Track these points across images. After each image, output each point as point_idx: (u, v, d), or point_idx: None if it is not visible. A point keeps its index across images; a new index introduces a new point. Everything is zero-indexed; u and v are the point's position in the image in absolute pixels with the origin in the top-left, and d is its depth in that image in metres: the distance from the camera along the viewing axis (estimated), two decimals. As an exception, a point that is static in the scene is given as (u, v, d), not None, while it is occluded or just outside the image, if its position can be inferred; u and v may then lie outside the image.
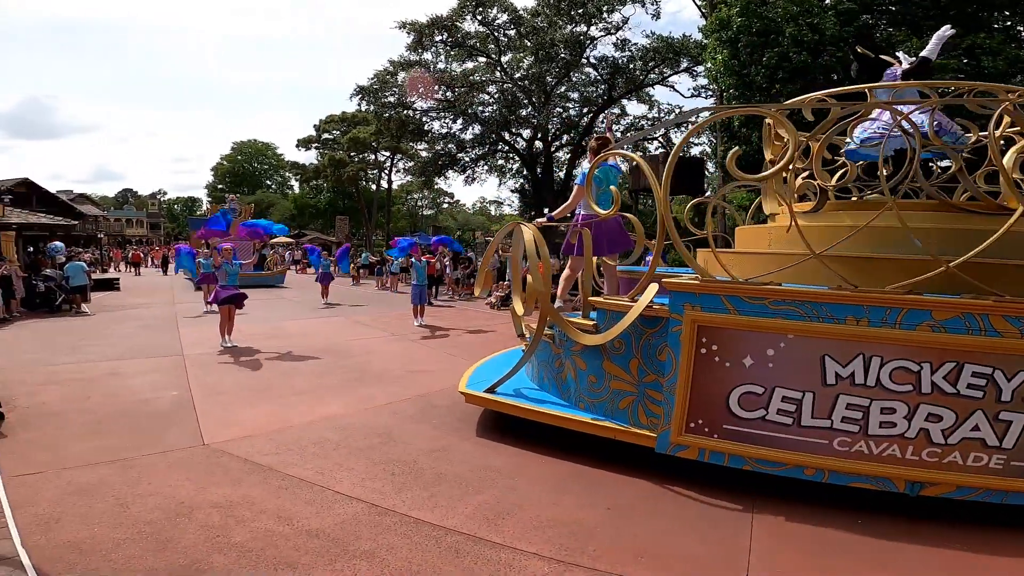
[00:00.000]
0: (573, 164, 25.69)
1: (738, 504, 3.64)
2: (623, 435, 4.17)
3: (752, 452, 3.68)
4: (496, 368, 5.70)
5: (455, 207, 67.53)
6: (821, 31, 12.85)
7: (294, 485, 3.80)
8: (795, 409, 3.56)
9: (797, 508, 3.56)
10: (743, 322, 3.63)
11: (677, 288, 3.82)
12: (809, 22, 12.97)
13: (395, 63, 23.37)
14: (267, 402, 5.82)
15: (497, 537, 3.17)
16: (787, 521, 3.44)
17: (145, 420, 5.14)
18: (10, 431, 4.74)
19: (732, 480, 3.85)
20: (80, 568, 2.74)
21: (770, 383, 3.60)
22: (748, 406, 3.67)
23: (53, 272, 14.28)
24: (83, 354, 8.20)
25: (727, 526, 3.39)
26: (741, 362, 3.66)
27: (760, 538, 3.24)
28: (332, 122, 43.81)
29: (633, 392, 4.20)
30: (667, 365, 3.88)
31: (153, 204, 74.14)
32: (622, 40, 22.33)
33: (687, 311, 3.75)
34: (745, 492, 3.76)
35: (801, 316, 3.50)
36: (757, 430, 3.66)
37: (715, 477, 3.90)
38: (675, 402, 3.83)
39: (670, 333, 3.83)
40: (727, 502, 3.67)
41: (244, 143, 67.82)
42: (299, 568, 2.81)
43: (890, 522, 3.39)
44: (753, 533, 3.30)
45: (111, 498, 3.52)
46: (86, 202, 51.61)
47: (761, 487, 3.76)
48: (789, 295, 3.54)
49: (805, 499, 3.64)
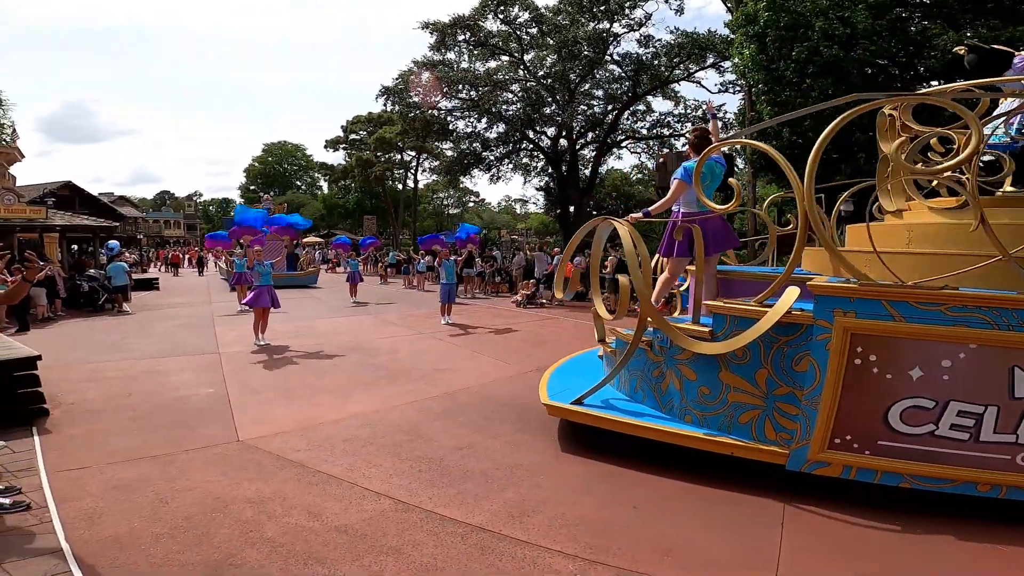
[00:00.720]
0: (599, 162, 25.52)
1: (769, 505, 3.60)
2: (744, 451, 3.85)
3: (913, 469, 3.40)
4: (571, 374, 5.49)
5: (480, 206, 67.77)
6: (853, 25, 12.50)
7: (324, 481, 3.90)
8: (974, 424, 3.27)
9: (830, 509, 3.50)
10: (912, 330, 3.28)
11: (826, 292, 3.47)
12: (840, 16, 12.63)
13: (419, 63, 23.56)
14: (299, 399, 5.97)
15: (522, 534, 3.20)
16: (819, 522, 3.40)
17: (183, 416, 5.34)
18: (55, 427, 4.96)
19: (764, 481, 3.81)
20: (120, 562, 2.85)
21: (943, 396, 3.30)
22: (913, 421, 3.37)
23: (96, 272, 14.87)
24: (124, 352, 8.53)
25: (757, 526, 3.35)
26: (906, 374, 3.33)
27: (791, 538, 3.20)
28: (359, 123, 44.42)
29: (759, 405, 3.87)
30: (807, 377, 3.56)
31: (189, 205, 76.32)
32: (646, 36, 22.06)
33: (837, 318, 3.40)
34: (777, 492, 3.72)
35: (988, 324, 3.17)
36: (922, 446, 3.37)
37: (750, 478, 3.85)
38: (817, 417, 3.50)
39: (813, 342, 3.51)
40: (757, 503, 3.63)
41: (274, 144, 69.30)
42: (327, 563, 2.89)
43: (932, 525, 3.30)
44: (784, 533, 3.26)
45: (151, 493, 3.67)
46: (126, 204, 53.46)
47: (796, 488, 3.69)
48: (975, 300, 3.19)
49: (839, 500, 3.58)
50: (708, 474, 3.97)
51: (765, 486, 3.80)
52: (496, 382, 6.83)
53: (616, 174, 41.86)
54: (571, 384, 5.10)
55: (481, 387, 6.55)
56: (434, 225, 51.73)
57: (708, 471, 3.98)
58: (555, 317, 12.83)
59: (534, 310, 14.22)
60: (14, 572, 2.73)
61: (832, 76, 12.73)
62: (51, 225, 16.77)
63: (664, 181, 22.90)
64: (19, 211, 15.71)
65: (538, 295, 15.64)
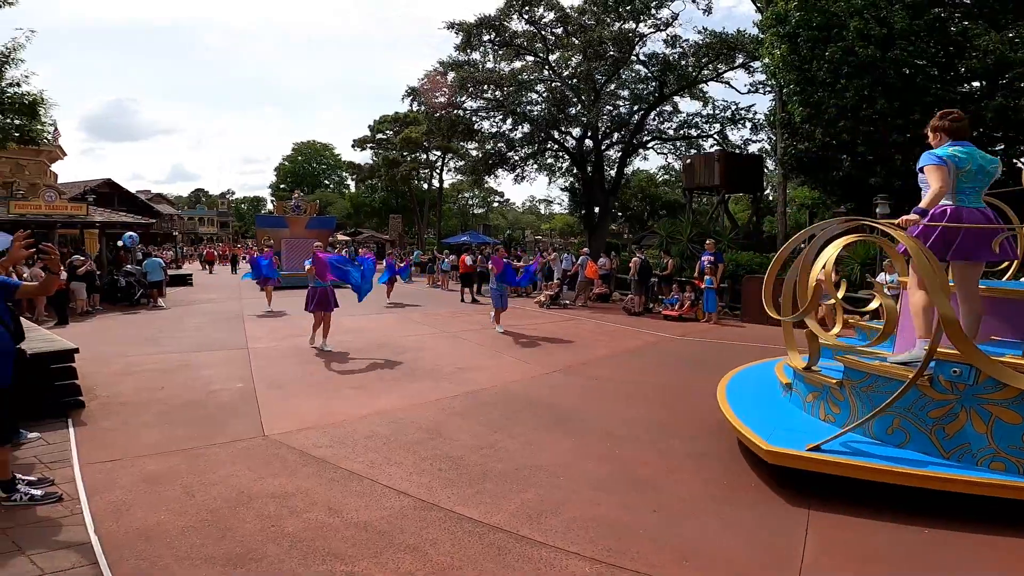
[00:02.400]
0: (624, 162, 25.29)
1: (794, 510, 3.55)
2: None
3: None
4: (750, 399, 4.88)
5: (505, 206, 67.91)
6: (890, 24, 12.14)
7: (345, 477, 3.97)
8: None
9: (857, 516, 3.43)
10: None
11: None
12: (875, 15, 12.28)
13: (444, 63, 23.70)
14: (323, 395, 6.08)
15: (539, 535, 3.21)
16: (845, 529, 3.32)
17: (212, 411, 5.49)
18: (90, 419, 5.15)
19: (789, 485, 3.75)
20: (146, 555, 2.92)
21: None
22: None
23: (133, 268, 15.38)
24: (158, 346, 8.81)
25: (781, 531, 3.31)
26: None
27: (815, 545, 3.14)
28: (385, 122, 44.90)
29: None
30: None
31: (222, 203, 78.29)
32: (672, 36, 21.76)
33: None
34: (802, 497, 3.66)
35: None
36: None
37: (778, 481, 3.79)
38: None
39: None
40: (781, 507, 3.57)
41: (304, 144, 70.62)
42: (346, 559, 2.93)
43: (962, 533, 3.21)
44: (808, 540, 3.20)
45: (179, 486, 3.77)
46: (162, 201, 55.09)
47: (821, 493, 3.63)
48: None
49: (863, 505, 3.51)
50: (733, 480, 3.91)
51: (789, 490, 3.75)
52: (518, 382, 6.85)
53: (642, 175, 41.49)
54: (766, 418, 4.37)
55: (503, 387, 6.57)
56: (459, 225, 52.02)
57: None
58: (578, 318, 12.78)
59: (557, 311, 14.19)
60: (42, 564, 2.80)
61: (868, 77, 12.39)
62: (91, 221, 17.38)
63: (691, 182, 22.58)
64: (60, 208, 16.34)
65: (561, 296, 15.60)
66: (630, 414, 5.59)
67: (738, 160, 21.74)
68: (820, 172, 14.64)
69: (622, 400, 6.14)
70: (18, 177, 18.22)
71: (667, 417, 5.55)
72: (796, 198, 31.87)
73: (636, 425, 5.24)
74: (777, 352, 9.00)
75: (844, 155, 13.82)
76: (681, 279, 14.09)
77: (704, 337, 10.42)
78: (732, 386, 5.37)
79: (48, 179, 19.70)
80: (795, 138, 14.72)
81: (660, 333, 10.79)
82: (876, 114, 12.40)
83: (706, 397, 6.30)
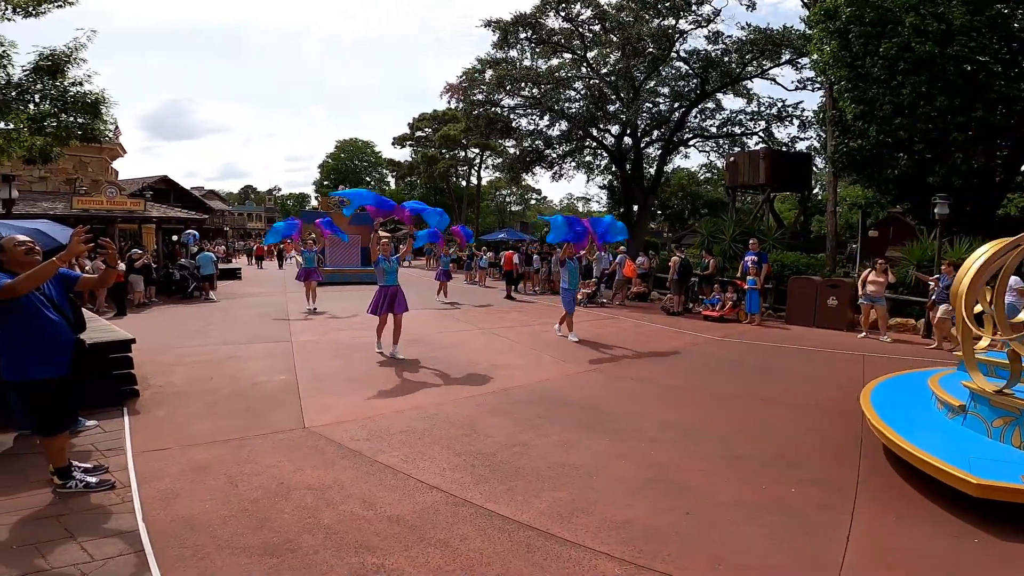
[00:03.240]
0: (664, 160, 24.85)
1: (835, 518, 3.44)
2: None
3: None
4: (905, 418, 4.51)
5: (542, 203, 67.72)
6: (948, 20, 11.52)
7: (380, 471, 4.06)
8: None
9: (903, 523, 3.32)
10: None
11: None
12: (932, 11, 11.68)
13: (483, 61, 23.78)
14: (362, 390, 6.22)
15: (569, 535, 3.21)
16: (888, 537, 3.22)
17: (257, 402, 5.70)
18: (144, 409, 5.41)
19: (832, 489, 3.62)
20: (189, 543, 3.04)
21: None
22: None
23: (187, 262, 16.09)
24: (208, 338, 9.19)
25: (820, 538, 3.22)
26: None
27: (855, 553, 3.05)
28: (424, 120, 45.47)
29: None
30: None
31: (269, 199, 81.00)
32: (714, 33, 21.19)
33: None
34: (843, 505, 3.55)
35: None
36: None
37: (813, 485, 3.69)
38: None
39: None
40: (820, 515, 3.47)
41: (346, 142, 72.16)
42: (377, 552, 2.99)
43: (1014, 541, 3.07)
44: (848, 547, 3.10)
45: (223, 476, 3.91)
46: (215, 198, 57.44)
47: (864, 498, 3.51)
48: None
49: (907, 515, 3.40)
50: (771, 485, 3.82)
51: (828, 498, 3.63)
52: (553, 380, 6.85)
53: (683, 173, 40.69)
54: (941, 443, 4.02)
55: (538, 384, 6.58)
56: (496, 222, 52.22)
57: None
58: (615, 317, 12.66)
59: (594, 309, 14.09)
60: (91, 550, 2.93)
61: (926, 73, 11.79)
62: (149, 217, 18.25)
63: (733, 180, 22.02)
64: (120, 203, 17.20)
65: (599, 294, 15.48)
66: (667, 416, 5.51)
67: (785, 158, 21.08)
68: (874, 170, 14.05)
69: (659, 401, 6.07)
70: (81, 174, 19.29)
71: (705, 419, 5.45)
72: (847, 197, 30.68)
73: (673, 427, 5.17)
74: (826, 355, 8.71)
75: (900, 153, 13.22)
76: (723, 279, 13.77)
77: (746, 339, 10.16)
78: (879, 402, 4.93)
79: (109, 176, 20.79)
80: (847, 135, 14.14)
81: (700, 334, 10.58)
82: (935, 111, 11.80)
83: (745, 400, 6.19)
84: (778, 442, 4.82)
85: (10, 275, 3.30)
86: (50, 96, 8.20)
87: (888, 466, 4.30)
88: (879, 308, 10.34)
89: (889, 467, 4.28)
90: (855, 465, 4.29)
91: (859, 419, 5.44)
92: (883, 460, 4.40)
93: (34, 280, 3.24)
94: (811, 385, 6.90)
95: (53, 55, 8.02)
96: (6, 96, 7.80)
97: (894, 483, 3.99)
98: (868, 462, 4.35)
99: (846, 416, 5.54)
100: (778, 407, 5.92)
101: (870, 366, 7.95)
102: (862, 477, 4.08)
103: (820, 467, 4.26)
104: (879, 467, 4.27)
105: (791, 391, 6.58)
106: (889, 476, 4.12)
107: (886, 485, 3.96)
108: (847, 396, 6.34)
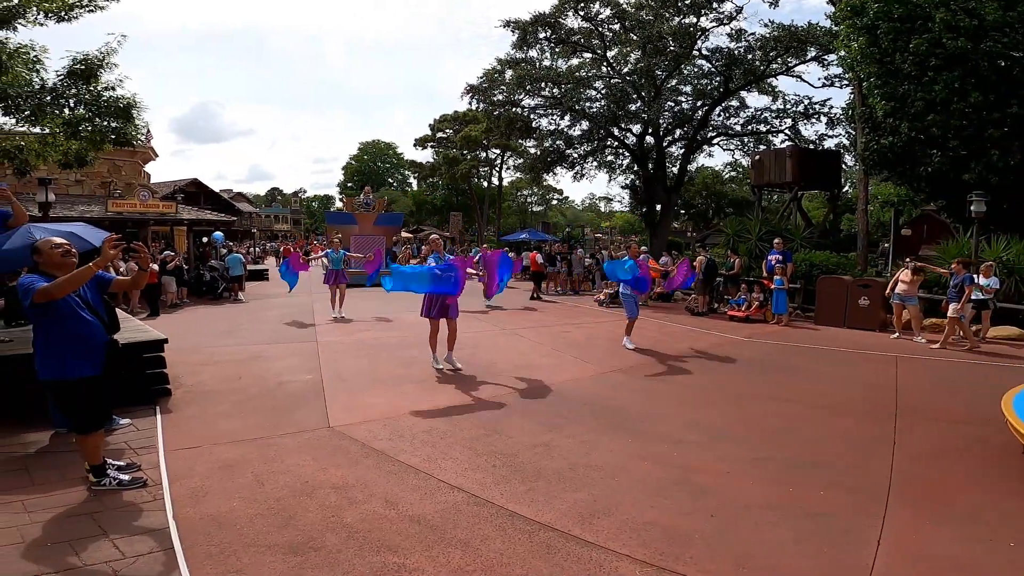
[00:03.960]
0: (687, 159, 24.53)
1: (865, 520, 3.37)
2: None
3: None
4: None
5: (564, 203, 67.53)
6: (980, 16, 11.16)
7: (403, 471, 4.09)
8: None
9: (937, 528, 3.24)
10: None
11: None
12: (963, 7, 11.32)
13: (502, 61, 23.79)
14: (386, 389, 6.29)
15: (590, 536, 3.19)
16: (921, 542, 3.13)
17: (283, 401, 5.80)
18: (176, 407, 5.54)
19: (862, 493, 3.53)
20: (217, 541, 3.09)
21: None
22: None
23: (217, 263, 16.48)
24: (237, 338, 9.39)
25: (848, 542, 3.15)
26: None
27: (886, 558, 2.97)
28: (445, 121, 45.71)
29: None
30: None
31: (295, 201, 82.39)
32: (737, 30, 20.81)
33: None
34: (875, 508, 3.47)
35: None
36: None
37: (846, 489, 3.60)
38: None
39: None
40: (851, 520, 3.39)
41: (369, 144, 73.11)
42: (399, 552, 3.01)
43: None
44: (879, 552, 3.03)
45: (250, 474, 3.98)
46: (242, 200, 58.63)
47: (896, 503, 3.43)
48: None
49: (948, 520, 3.30)
50: (799, 488, 3.75)
51: (858, 502, 3.55)
52: (575, 381, 6.83)
53: (707, 172, 40.14)
54: None
55: (561, 385, 6.56)
56: (518, 222, 52.24)
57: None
58: (639, 318, 12.52)
59: (616, 309, 13.98)
60: (123, 548, 2.99)
61: (958, 69, 11.44)
62: (180, 219, 18.72)
63: (760, 179, 21.65)
64: (153, 206, 17.68)
65: (620, 295, 15.34)
66: (691, 417, 5.45)
67: (813, 155, 20.63)
68: (906, 168, 13.67)
69: (683, 402, 6.00)
70: (115, 177, 19.86)
71: (730, 421, 5.37)
72: (879, 195, 29.87)
73: (697, 428, 5.11)
74: (856, 356, 8.49)
75: (933, 150, 12.84)
76: (749, 279, 13.55)
77: (773, 339, 9.98)
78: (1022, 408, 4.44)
79: (142, 179, 21.36)
80: (877, 132, 13.78)
81: (726, 334, 10.43)
82: (969, 108, 11.45)
83: (772, 401, 6.08)
84: (806, 444, 4.73)
85: (47, 277, 3.41)
86: (84, 101, 8.41)
87: (923, 469, 4.19)
88: (912, 308, 10.04)
89: (924, 471, 4.17)
90: (887, 469, 4.18)
91: (892, 421, 5.32)
92: (918, 464, 4.29)
93: (72, 284, 3.35)
94: (841, 386, 6.74)
95: (86, 60, 8.23)
96: (41, 101, 8.03)
97: (929, 487, 3.89)
98: (902, 466, 4.24)
99: (878, 418, 5.40)
100: (807, 409, 5.80)
101: (904, 367, 7.74)
102: (895, 481, 3.97)
103: (850, 470, 4.17)
104: (913, 471, 4.16)
105: (820, 392, 6.44)
106: (924, 480, 4.01)
107: (920, 489, 3.86)
108: (879, 398, 6.19)
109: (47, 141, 8.70)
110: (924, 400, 6.19)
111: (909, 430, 5.09)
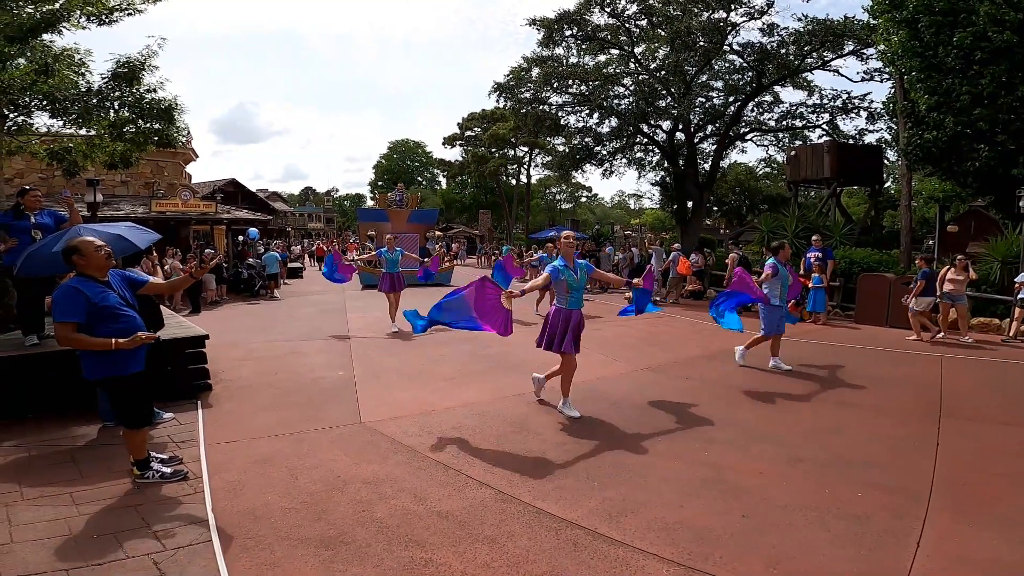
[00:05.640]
0: (719, 155, 23.98)
1: (904, 523, 3.28)
2: None
3: None
4: None
5: (593, 201, 67.01)
6: None
7: (432, 466, 4.15)
8: None
9: (980, 532, 3.14)
10: None
11: None
12: (1009, 0, 10.83)
13: (528, 59, 23.66)
14: (416, 386, 6.38)
15: (617, 534, 3.18)
16: (963, 545, 3.04)
17: (317, 396, 5.95)
18: (216, 402, 5.73)
19: (902, 495, 3.45)
20: (252, 534, 3.18)
21: None
22: None
23: (255, 261, 16.96)
24: (273, 334, 9.65)
25: (886, 544, 3.07)
26: None
27: (925, 561, 2.89)
28: (474, 119, 45.87)
29: None
30: None
31: (328, 200, 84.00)
32: (769, 25, 20.15)
33: None
34: (916, 511, 3.38)
35: None
36: None
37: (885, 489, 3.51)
38: None
39: None
40: (890, 522, 3.31)
41: (399, 142, 73.85)
42: (426, 547, 3.06)
43: None
44: (917, 555, 2.95)
45: (284, 468, 4.09)
46: (277, 199, 60.13)
47: (938, 505, 3.35)
48: None
49: (991, 523, 3.20)
50: (836, 488, 3.66)
51: (897, 504, 3.46)
52: (605, 379, 6.81)
53: (740, 168, 39.24)
54: None
55: (590, 383, 6.54)
56: (547, 220, 52.12)
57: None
58: (669, 315, 12.39)
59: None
60: (164, 540, 3.10)
61: (1006, 62, 10.95)
62: (219, 219, 19.31)
63: (795, 175, 21.07)
64: (194, 206, 18.29)
65: (652, 292, 15.18)
66: (724, 415, 5.37)
67: (852, 151, 19.97)
68: (952, 163, 13.14)
69: (715, 401, 5.91)
70: (158, 178, 20.56)
71: (764, 420, 5.27)
72: (923, 191, 28.75)
73: (730, 427, 5.03)
74: (898, 355, 8.20)
75: (981, 144, 12.30)
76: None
77: (810, 338, 9.73)
78: None
79: (183, 179, 22.06)
80: (921, 127, 13.28)
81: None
82: (1017, 101, 10.96)
83: (808, 400, 5.94)
84: (844, 445, 4.61)
85: (88, 279, 3.57)
86: (127, 103, 8.68)
87: (966, 471, 4.05)
88: (959, 307, 9.64)
89: (967, 472, 4.04)
90: (929, 471, 4.05)
91: (935, 422, 5.14)
92: (961, 465, 4.15)
93: (173, 289, 3.52)
94: (881, 386, 6.53)
95: (128, 62, 8.51)
96: (87, 103, 8.32)
97: (971, 490, 3.76)
98: (944, 468, 4.10)
99: (920, 419, 5.23)
100: (844, 408, 5.65)
101: (949, 367, 7.45)
102: (936, 482, 3.85)
103: (889, 472, 4.05)
104: (956, 472, 4.02)
105: (859, 392, 6.25)
106: (966, 482, 3.88)
107: (962, 492, 3.74)
108: (922, 398, 5.99)
109: (94, 143, 9.03)
110: (969, 401, 5.97)
111: (952, 431, 4.92)
